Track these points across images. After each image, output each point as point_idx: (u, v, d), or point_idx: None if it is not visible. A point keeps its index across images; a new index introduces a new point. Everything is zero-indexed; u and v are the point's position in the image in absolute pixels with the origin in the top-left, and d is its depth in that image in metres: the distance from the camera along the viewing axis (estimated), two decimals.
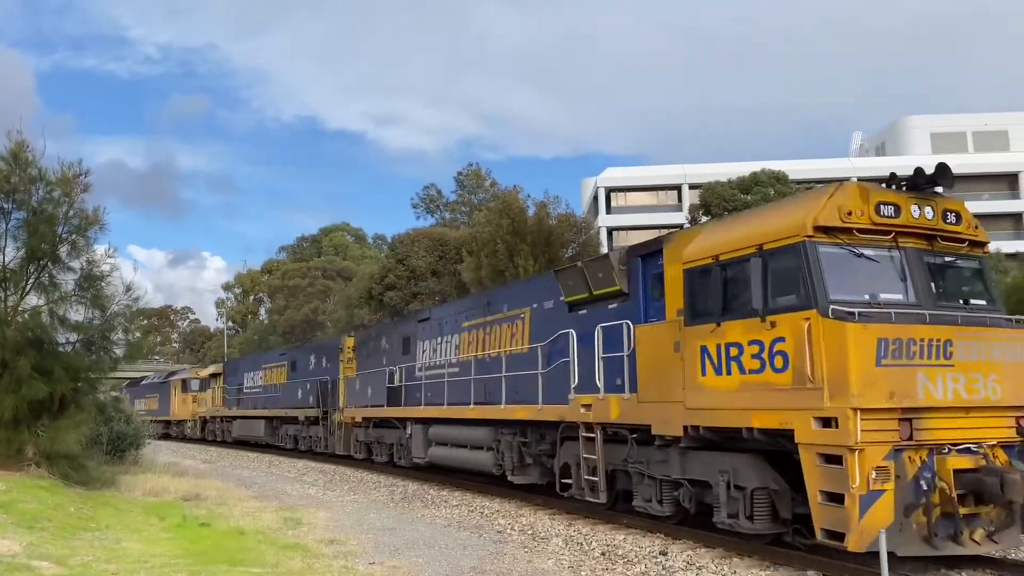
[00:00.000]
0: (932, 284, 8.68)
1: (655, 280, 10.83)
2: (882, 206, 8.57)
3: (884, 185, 8.95)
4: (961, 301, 9.03)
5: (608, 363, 11.41)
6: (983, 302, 9.17)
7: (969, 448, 8.10)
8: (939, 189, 9.04)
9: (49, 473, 13.73)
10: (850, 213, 8.46)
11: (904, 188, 8.89)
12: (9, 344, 14.10)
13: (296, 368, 29.46)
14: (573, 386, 12.30)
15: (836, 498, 7.87)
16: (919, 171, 8.92)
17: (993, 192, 64.67)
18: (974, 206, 11.32)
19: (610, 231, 64.51)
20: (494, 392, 15.02)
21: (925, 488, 7.79)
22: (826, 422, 7.95)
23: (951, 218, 8.97)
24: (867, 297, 8.38)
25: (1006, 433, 8.36)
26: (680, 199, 66.12)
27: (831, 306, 8.06)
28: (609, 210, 68.00)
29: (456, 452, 16.82)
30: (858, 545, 7.66)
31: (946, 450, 8.00)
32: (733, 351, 9.05)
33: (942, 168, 8.82)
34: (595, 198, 68.87)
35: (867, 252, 8.51)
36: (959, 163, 20.62)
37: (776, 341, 8.51)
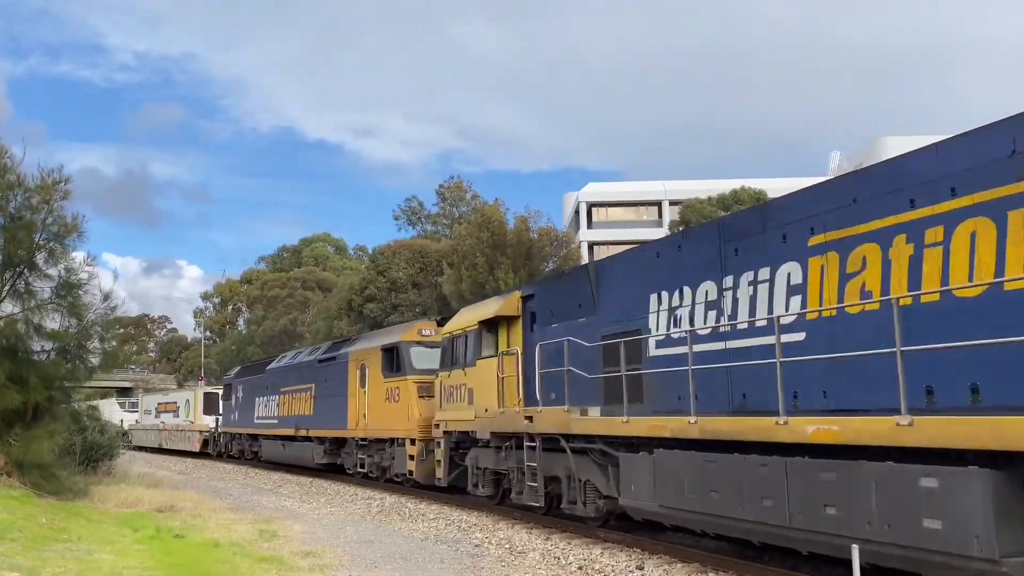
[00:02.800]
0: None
1: None
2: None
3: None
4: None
5: None
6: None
7: None
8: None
9: (21, 483, 13.57)
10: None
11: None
12: None
13: None
14: None
15: None
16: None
17: None
18: None
19: (591, 245, 64.79)
20: None
21: None
22: None
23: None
24: None
25: None
26: (660, 215, 66.66)
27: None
28: (591, 225, 68.41)
29: None
30: None
31: None
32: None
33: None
34: (576, 212, 69.28)
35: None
36: None
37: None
